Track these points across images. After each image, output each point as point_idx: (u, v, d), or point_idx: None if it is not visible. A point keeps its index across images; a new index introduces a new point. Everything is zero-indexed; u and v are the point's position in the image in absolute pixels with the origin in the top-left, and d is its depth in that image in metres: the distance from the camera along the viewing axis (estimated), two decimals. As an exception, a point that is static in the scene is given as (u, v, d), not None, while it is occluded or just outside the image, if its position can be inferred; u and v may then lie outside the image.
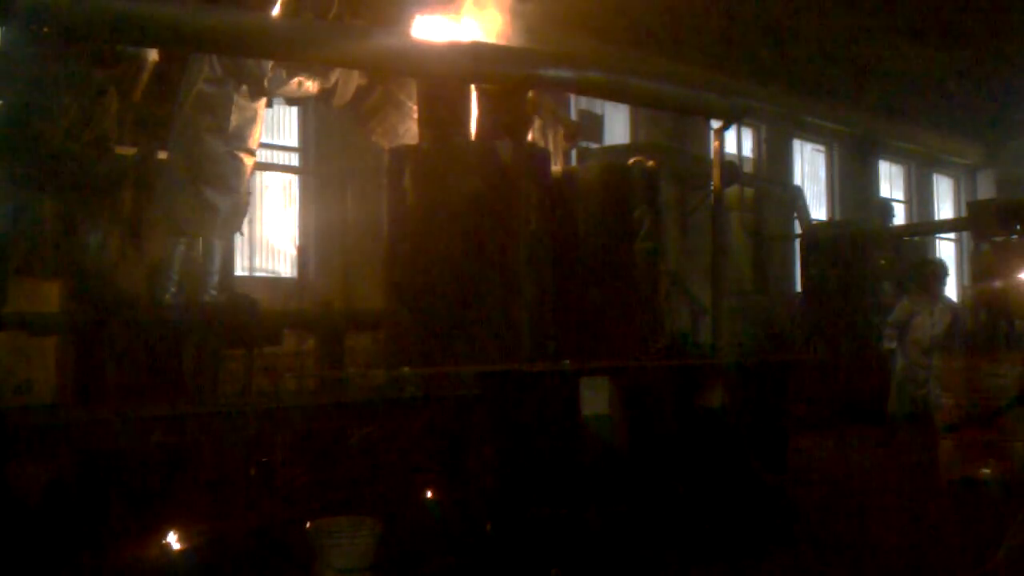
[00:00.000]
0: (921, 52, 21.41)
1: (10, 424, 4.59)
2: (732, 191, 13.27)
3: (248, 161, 7.42)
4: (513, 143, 7.15)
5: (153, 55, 7.10)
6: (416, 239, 7.06)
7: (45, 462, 6.12)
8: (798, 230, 16.13)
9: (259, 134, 7.56)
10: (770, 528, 6.65)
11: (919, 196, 22.06)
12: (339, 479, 6.55)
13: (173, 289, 7.12)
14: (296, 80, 7.56)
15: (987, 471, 8.81)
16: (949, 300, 13.14)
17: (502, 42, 7.79)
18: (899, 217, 19.08)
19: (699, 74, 13.78)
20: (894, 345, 12.26)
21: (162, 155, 7.34)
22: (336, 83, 7.94)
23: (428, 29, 7.57)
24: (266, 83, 7.33)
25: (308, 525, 5.20)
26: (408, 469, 6.32)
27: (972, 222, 14.94)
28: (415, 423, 6.32)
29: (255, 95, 7.35)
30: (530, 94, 7.79)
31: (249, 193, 7.63)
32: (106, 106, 6.87)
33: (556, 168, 8.18)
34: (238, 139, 7.27)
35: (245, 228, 7.98)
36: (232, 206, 7.33)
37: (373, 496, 6.19)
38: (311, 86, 7.73)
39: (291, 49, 6.67)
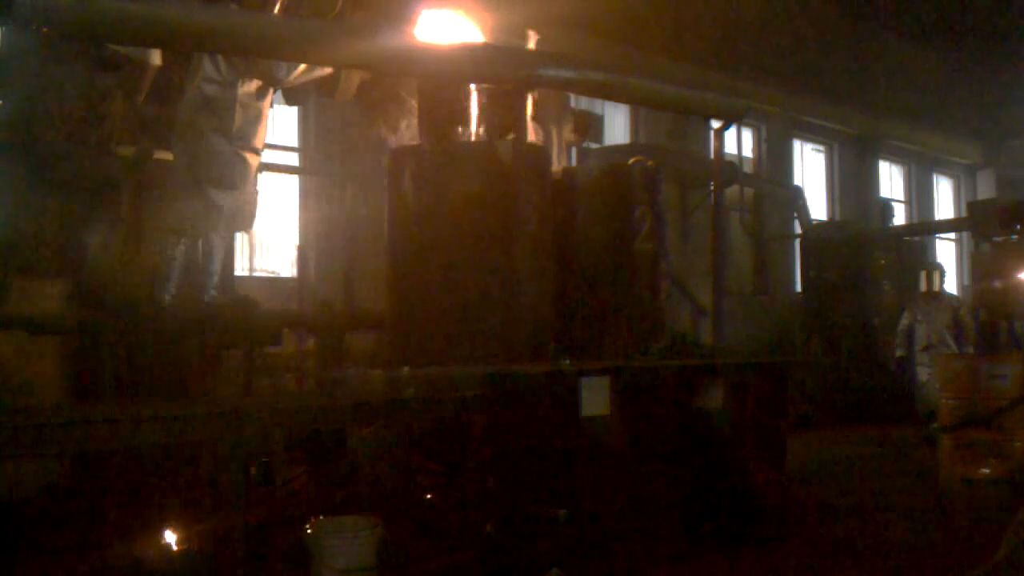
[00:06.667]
0: (921, 52, 21.45)
1: (10, 424, 4.59)
2: (732, 191, 13.29)
3: (253, 161, 7.42)
4: (513, 143, 7.15)
5: (157, 59, 7.10)
6: (416, 239, 7.05)
7: (45, 462, 6.14)
8: (798, 230, 16.13)
9: (264, 134, 7.55)
10: (769, 527, 6.65)
11: (919, 196, 22.06)
12: (339, 479, 6.55)
13: (174, 289, 7.12)
14: (304, 65, 7.52)
15: (987, 471, 8.81)
16: (951, 296, 13.18)
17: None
18: (899, 217, 19.08)
19: (699, 74, 13.77)
20: (904, 352, 12.43)
21: (164, 155, 7.34)
22: (339, 77, 7.93)
23: (432, 24, 7.55)
24: (276, 72, 7.28)
25: (308, 525, 5.20)
26: (408, 469, 6.32)
27: (972, 222, 14.94)
28: (415, 423, 6.32)
29: (269, 85, 7.33)
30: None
31: (257, 192, 7.62)
32: (110, 109, 6.87)
33: (557, 168, 8.18)
34: (242, 139, 7.27)
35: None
36: (236, 205, 7.33)
37: (373, 496, 6.19)
38: (322, 69, 7.68)
39: (291, 49, 6.67)
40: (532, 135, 8.03)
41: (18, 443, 4.56)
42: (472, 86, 7.41)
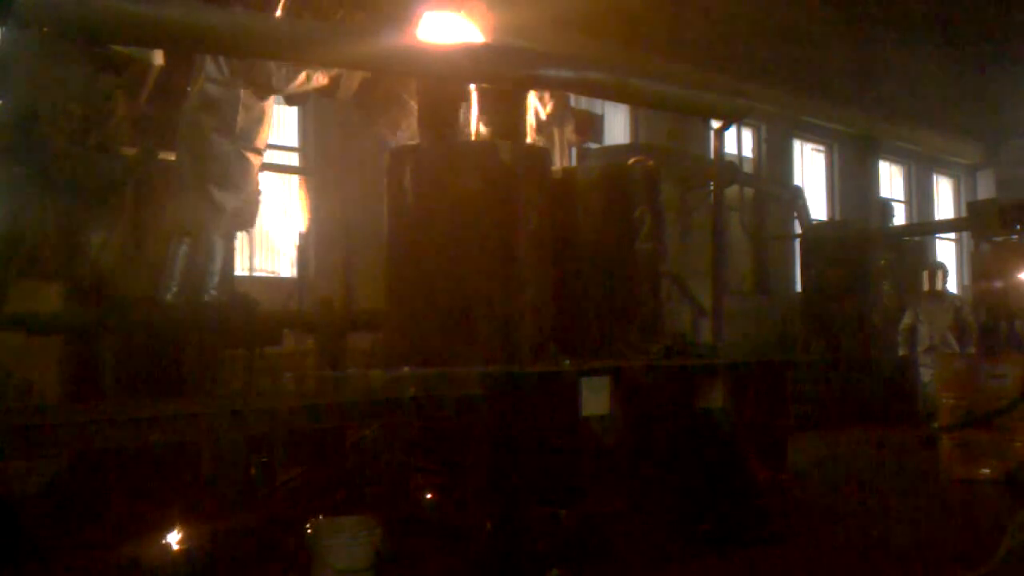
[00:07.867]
0: (921, 52, 21.45)
1: (10, 424, 4.59)
2: (732, 191, 13.29)
3: (256, 161, 7.43)
4: (513, 143, 7.15)
5: (159, 59, 7.09)
6: (416, 239, 7.05)
7: (45, 462, 6.14)
8: (798, 230, 16.13)
9: (267, 134, 7.56)
10: (770, 527, 6.65)
11: (919, 196, 22.06)
12: (339, 479, 6.55)
13: (175, 289, 7.12)
14: (303, 75, 7.54)
15: (987, 471, 8.82)
16: (954, 296, 13.20)
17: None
18: (899, 217, 19.08)
19: (699, 74, 13.77)
20: (906, 352, 12.46)
21: (166, 156, 7.35)
22: (340, 77, 7.94)
23: (433, 25, 7.56)
24: (273, 81, 7.31)
25: (308, 525, 5.20)
26: (408, 469, 6.32)
27: (972, 222, 14.96)
28: (415, 423, 6.32)
29: (262, 94, 7.35)
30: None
31: (259, 192, 7.63)
32: (112, 110, 6.87)
33: (557, 168, 8.18)
34: (245, 139, 7.28)
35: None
36: (239, 206, 7.33)
37: (373, 496, 6.20)
38: (321, 78, 7.70)
39: (292, 49, 6.67)
40: (532, 135, 8.03)
41: (18, 443, 4.56)
42: (472, 86, 7.41)
